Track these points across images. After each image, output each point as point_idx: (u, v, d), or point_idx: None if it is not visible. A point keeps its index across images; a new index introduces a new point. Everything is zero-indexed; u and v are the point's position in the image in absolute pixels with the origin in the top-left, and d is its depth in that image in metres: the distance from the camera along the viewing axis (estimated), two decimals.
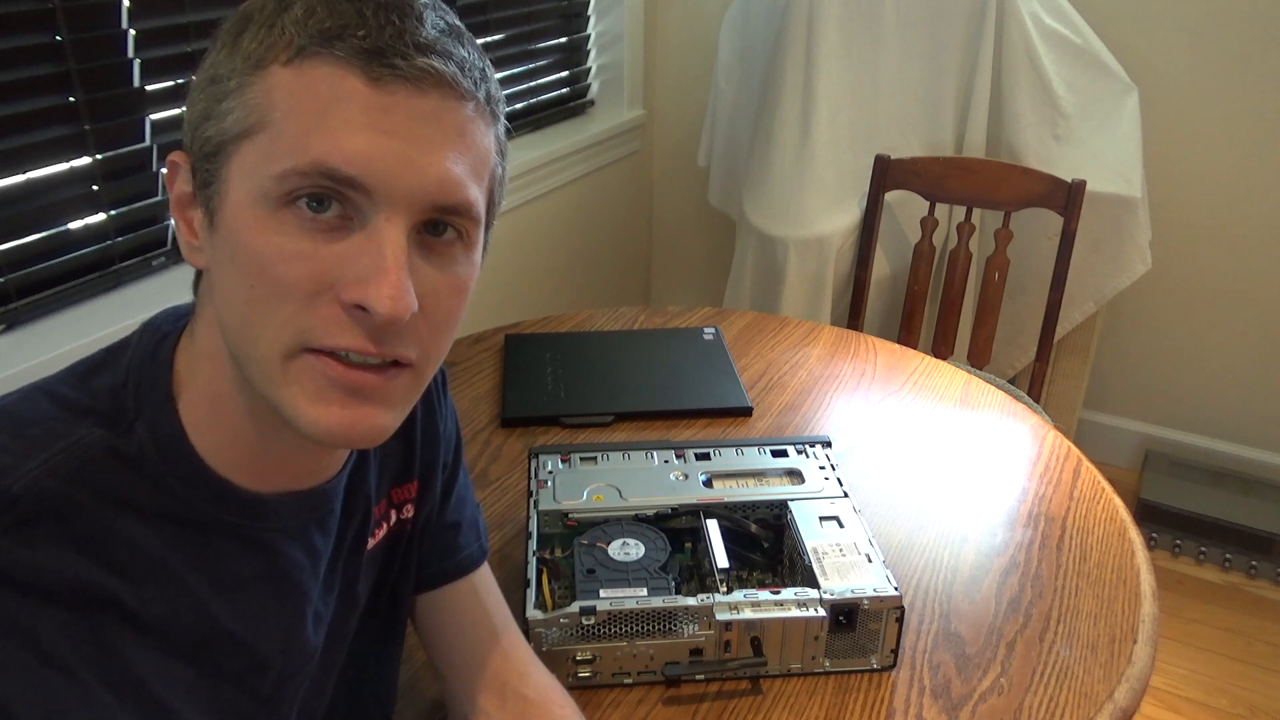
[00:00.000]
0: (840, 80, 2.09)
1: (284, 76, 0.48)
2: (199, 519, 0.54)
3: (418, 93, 0.49)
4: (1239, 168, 2.12)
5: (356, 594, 0.68)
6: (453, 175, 0.50)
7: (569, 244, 2.44)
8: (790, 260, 2.09)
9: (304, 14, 0.49)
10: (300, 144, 0.48)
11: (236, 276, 0.50)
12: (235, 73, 0.50)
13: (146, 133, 1.42)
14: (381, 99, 0.48)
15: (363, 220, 0.49)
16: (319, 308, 0.49)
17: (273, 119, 0.48)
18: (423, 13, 0.50)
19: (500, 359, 1.39)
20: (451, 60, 0.50)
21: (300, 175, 0.48)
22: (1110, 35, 2.06)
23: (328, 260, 0.49)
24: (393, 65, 0.48)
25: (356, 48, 0.48)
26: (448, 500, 0.77)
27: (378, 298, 0.48)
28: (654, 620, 0.81)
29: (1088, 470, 1.15)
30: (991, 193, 1.87)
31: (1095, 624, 0.91)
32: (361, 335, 0.50)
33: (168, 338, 0.57)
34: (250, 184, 0.49)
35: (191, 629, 0.53)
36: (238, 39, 0.50)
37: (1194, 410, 2.36)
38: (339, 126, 0.48)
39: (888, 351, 1.44)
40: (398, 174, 0.48)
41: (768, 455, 1.03)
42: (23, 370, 1.22)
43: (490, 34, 2.10)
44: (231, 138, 0.49)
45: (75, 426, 0.52)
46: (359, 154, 0.48)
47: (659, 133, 2.67)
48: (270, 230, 0.49)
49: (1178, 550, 2.17)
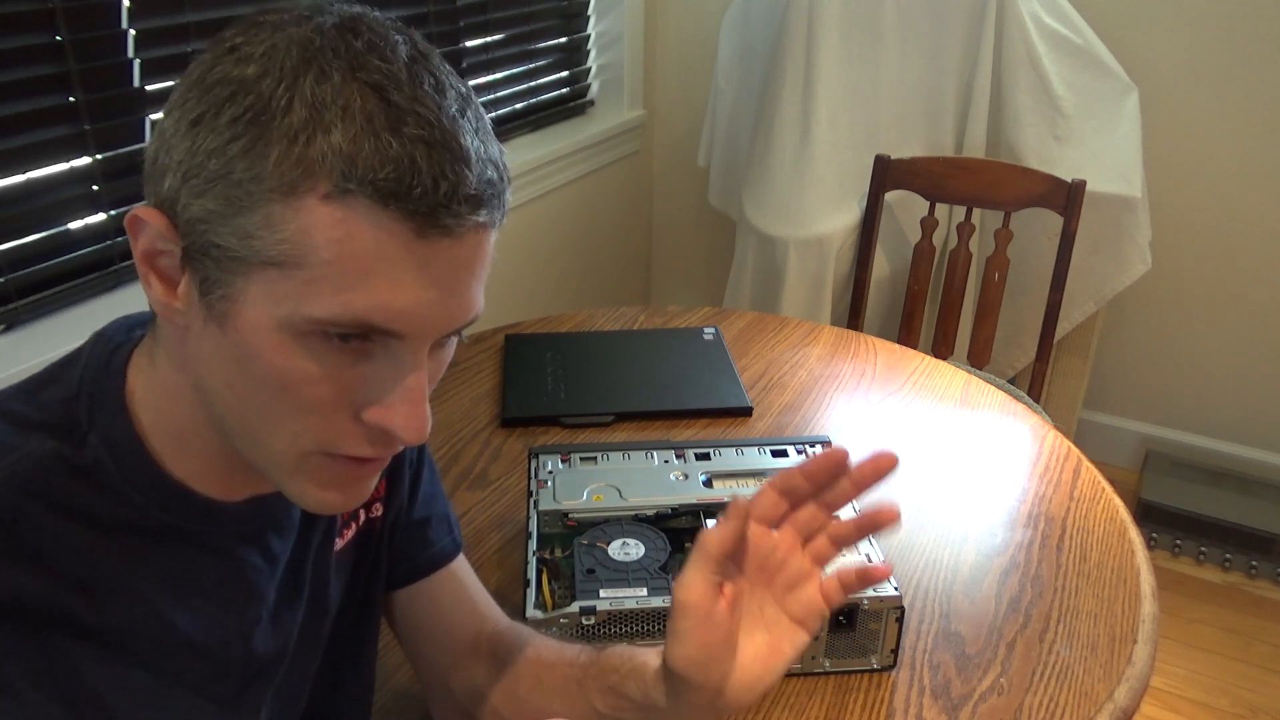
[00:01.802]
0: (840, 80, 2.09)
1: (324, 216, 0.45)
2: (156, 527, 0.54)
3: (459, 243, 0.48)
4: (1239, 168, 2.12)
5: (328, 596, 0.68)
6: (475, 303, 0.51)
7: (569, 244, 2.44)
8: (790, 260, 2.09)
9: (349, 146, 0.45)
10: (341, 298, 0.46)
11: (248, 382, 0.50)
12: (260, 188, 0.45)
13: (146, 133, 1.42)
14: (427, 254, 0.47)
15: (387, 348, 0.50)
16: (338, 421, 0.50)
17: (309, 261, 0.46)
18: (468, 148, 0.47)
19: (500, 359, 1.39)
20: (493, 203, 0.49)
21: (338, 324, 0.47)
22: (1110, 35, 2.06)
23: (352, 381, 0.50)
24: (444, 227, 0.47)
25: (410, 210, 0.46)
26: (415, 496, 0.77)
27: (406, 428, 0.50)
28: (654, 620, 0.81)
29: (1088, 470, 1.15)
30: (991, 193, 1.87)
31: (1095, 624, 0.91)
32: (379, 446, 0.52)
33: (120, 349, 0.56)
34: (276, 311, 0.47)
35: (149, 638, 0.53)
36: (260, 141, 0.45)
37: (1194, 410, 2.36)
38: (385, 287, 0.47)
39: (888, 351, 1.44)
40: (434, 321, 0.49)
41: (768, 455, 1.03)
42: (23, 370, 1.23)
43: (490, 34, 2.10)
44: (256, 262, 0.47)
45: (25, 440, 0.51)
46: (402, 311, 0.48)
47: (659, 133, 2.67)
48: (294, 354, 0.48)
49: (1178, 550, 2.17)
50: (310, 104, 0.45)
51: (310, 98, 0.45)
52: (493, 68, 2.13)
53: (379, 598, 0.76)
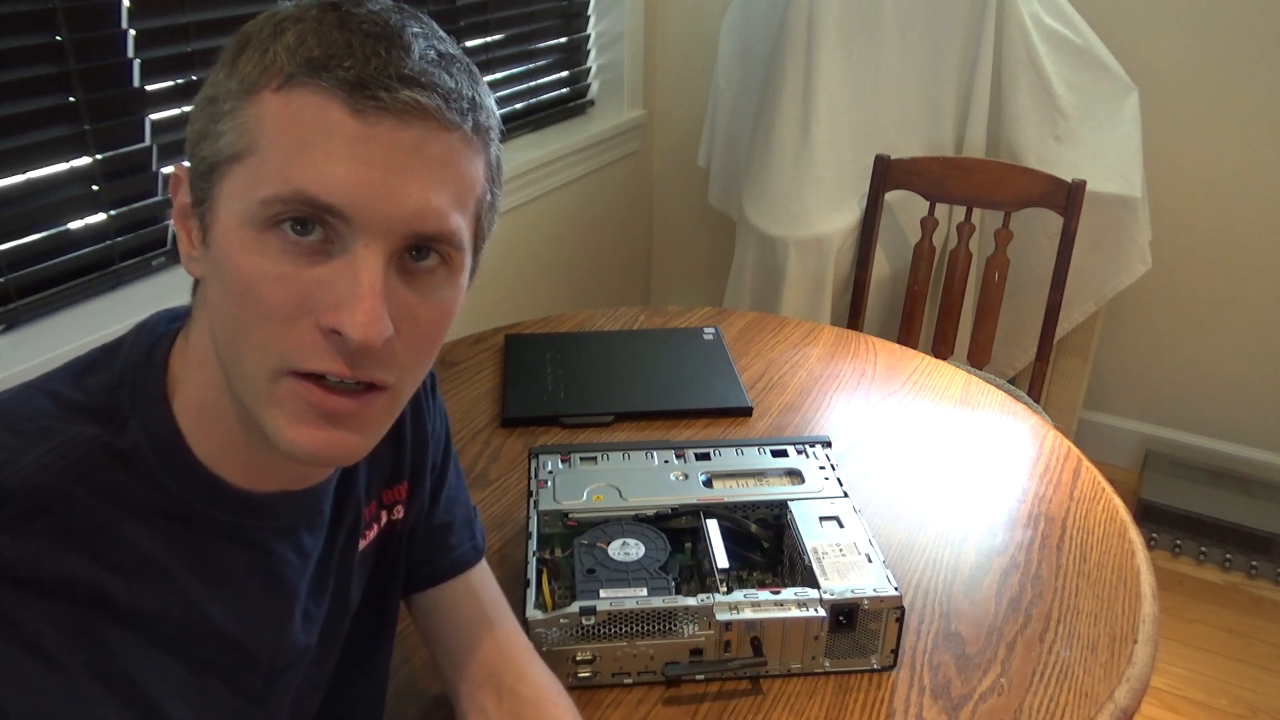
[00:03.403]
0: (840, 80, 2.09)
1: (273, 103, 0.49)
2: (191, 516, 0.55)
3: (400, 124, 0.50)
4: (1239, 168, 2.12)
5: (349, 595, 0.69)
6: (432, 204, 0.51)
7: (569, 244, 2.44)
8: (790, 260, 2.09)
9: (296, 41, 0.50)
10: (284, 172, 0.49)
11: (225, 294, 0.51)
12: (230, 95, 0.51)
13: (146, 133, 1.43)
14: (364, 130, 0.49)
15: (343, 246, 0.50)
16: (299, 331, 0.50)
17: (260, 145, 0.49)
18: (411, 43, 0.51)
19: (500, 359, 1.39)
20: (436, 92, 0.50)
21: (282, 202, 0.49)
22: (1110, 35, 2.06)
23: (307, 283, 0.50)
24: (376, 97, 0.49)
25: (341, 79, 0.49)
26: (437, 500, 0.78)
27: (351, 324, 0.49)
28: (654, 620, 0.81)
29: (1088, 470, 1.15)
30: (991, 193, 1.87)
31: (1095, 624, 0.91)
32: (338, 359, 0.51)
33: (162, 339, 0.58)
34: (238, 206, 0.50)
35: (182, 625, 0.54)
36: (236, 60, 0.51)
37: (1194, 410, 2.36)
38: (321, 157, 0.49)
39: (888, 351, 1.44)
40: (376, 203, 0.49)
41: (768, 455, 1.03)
42: (23, 370, 1.22)
43: (490, 34, 2.10)
44: (224, 159, 0.51)
45: (70, 424, 0.52)
46: (339, 183, 0.49)
47: (659, 133, 2.67)
48: (255, 252, 0.50)
49: (1178, 550, 2.17)
50: (275, 22, 0.51)
51: (277, 18, 0.52)
52: (493, 68, 2.13)
53: (396, 600, 0.76)
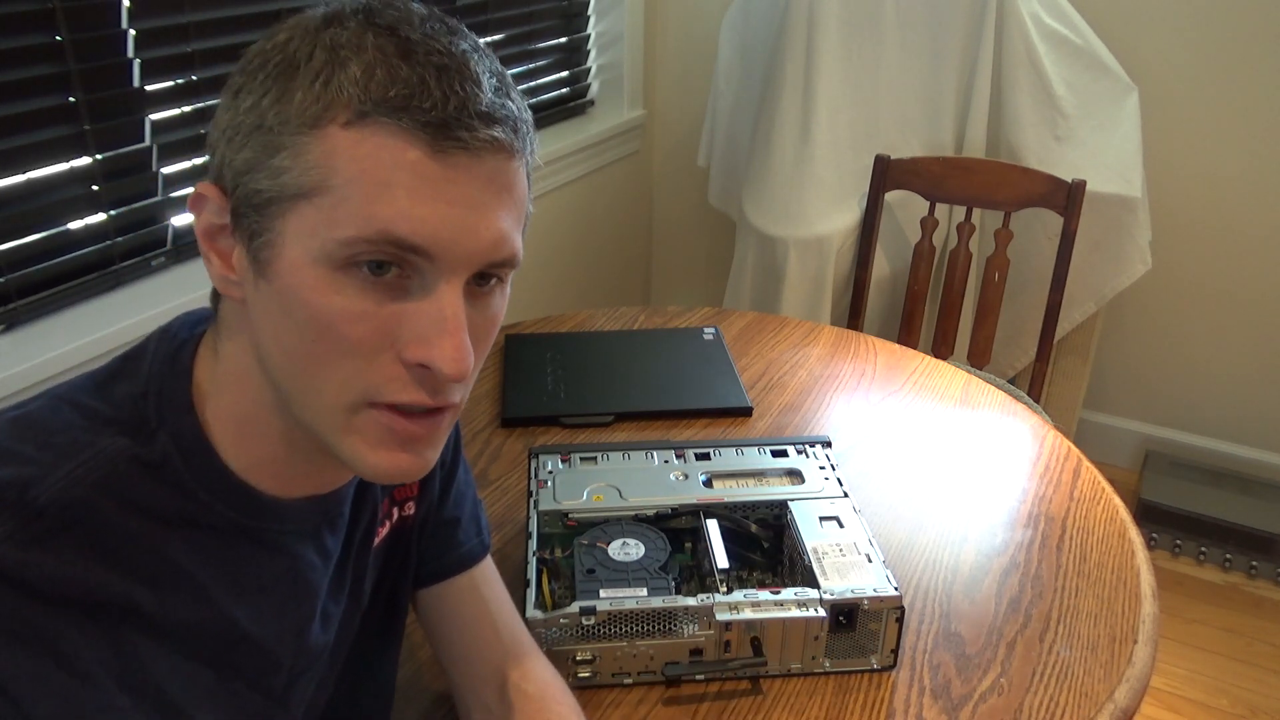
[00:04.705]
0: (840, 80, 2.09)
1: (344, 140, 0.48)
2: (221, 524, 0.55)
3: (476, 160, 0.50)
4: (1239, 168, 2.12)
5: (363, 592, 0.70)
6: (505, 233, 0.52)
7: (569, 244, 2.44)
8: (790, 260, 2.09)
9: (363, 75, 0.48)
10: (365, 212, 0.48)
11: (293, 330, 0.51)
12: (288, 127, 0.49)
13: (146, 133, 1.42)
14: (445, 170, 0.49)
15: (422, 282, 0.51)
16: (381, 366, 0.51)
17: (334, 184, 0.49)
18: (480, 75, 0.51)
19: (500, 359, 1.39)
20: (508, 125, 0.51)
21: (366, 242, 0.49)
22: (1110, 35, 2.06)
23: (388, 320, 0.51)
24: (458, 138, 0.49)
25: (422, 121, 0.48)
26: (446, 496, 0.78)
27: (443, 359, 0.50)
28: (654, 620, 0.81)
29: (1088, 470, 1.15)
30: (991, 193, 1.87)
31: (1095, 624, 0.91)
32: (422, 390, 0.52)
33: (185, 346, 0.57)
34: (310, 244, 0.49)
35: (212, 633, 0.54)
36: (287, 89, 0.49)
37: (1194, 410, 2.36)
38: (403, 196, 0.48)
39: (888, 351, 1.44)
40: (459, 240, 0.50)
41: (768, 455, 1.03)
42: (23, 370, 1.22)
43: (490, 34, 2.10)
44: (289, 195, 0.50)
45: (99, 436, 0.52)
46: (425, 224, 0.49)
47: (659, 133, 2.67)
48: (332, 291, 0.50)
49: (1178, 550, 2.17)
50: (329, 48, 0.49)
51: (329, 43, 0.49)
52: None
53: (406, 596, 0.77)
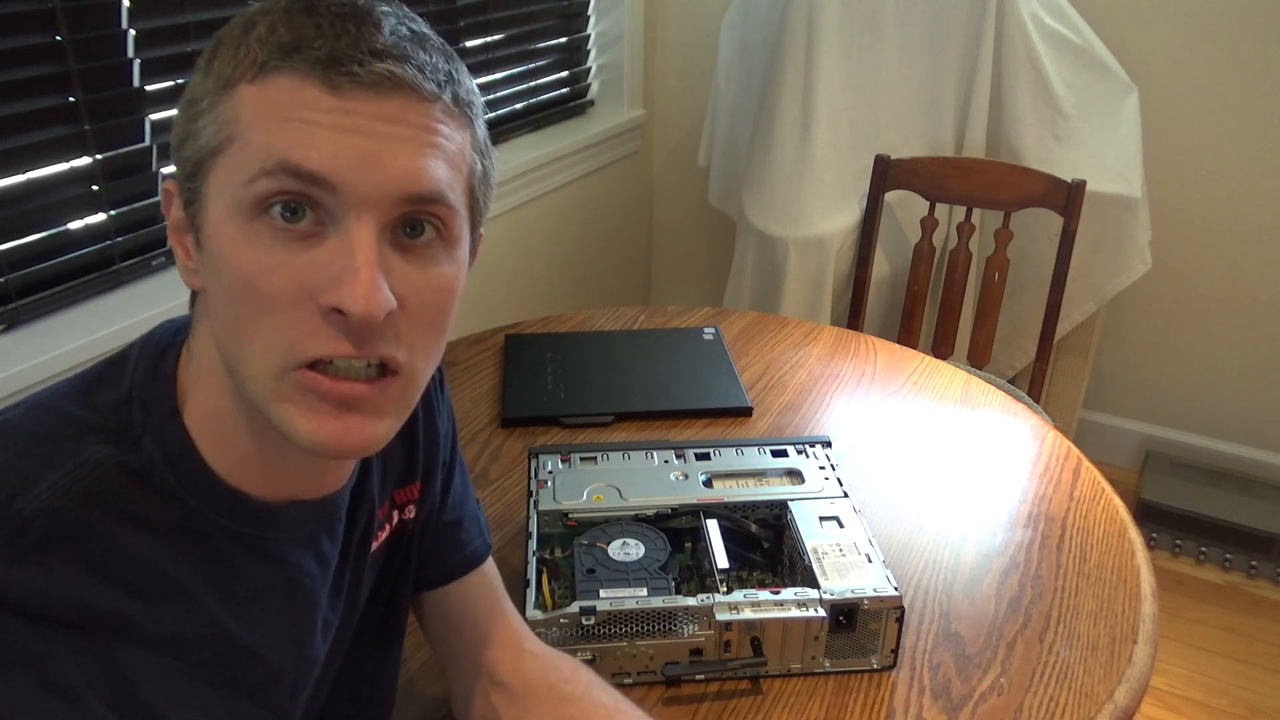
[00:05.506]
0: (840, 80, 2.09)
1: (250, 92, 0.50)
2: (211, 531, 0.54)
3: (379, 97, 0.49)
4: (1239, 168, 2.12)
5: (359, 597, 0.68)
6: (420, 166, 0.50)
7: (569, 244, 2.44)
8: (790, 260, 2.09)
9: (266, 32, 0.50)
10: (265, 147, 0.49)
11: (223, 293, 0.51)
12: (208, 94, 0.51)
13: (146, 133, 1.42)
14: (343, 104, 0.49)
15: (335, 224, 0.50)
16: (302, 319, 0.49)
17: (240, 131, 0.50)
18: (381, 20, 0.51)
19: (500, 359, 1.39)
20: (410, 64, 0.50)
21: (268, 176, 0.48)
22: (1110, 35, 2.06)
23: (304, 268, 0.49)
24: (350, 72, 0.49)
25: (314, 59, 0.49)
26: (447, 497, 0.78)
27: (351, 297, 0.48)
28: (654, 620, 0.81)
29: (1088, 470, 1.15)
30: (991, 193, 1.87)
31: (1095, 624, 0.91)
32: (344, 340, 0.50)
33: (168, 351, 0.57)
34: (225, 196, 0.50)
35: (207, 645, 0.53)
36: (211, 62, 0.52)
37: (1194, 410, 2.36)
38: (301, 128, 0.49)
39: (888, 351, 1.44)
40: (363, 169, 0.49)
41: (768, 455, 1.03)
42: (22, 370, 1.22)
43: (490, 34, 2.10)
44: (206, 154, 0.51)
45: (82, 444, 0.51)
46: (323, 150, 0.48)
47: (659, 133, 2.67)
48: (248, 243, 0.49)
49: (1178, 550, 2.17)
50: (245, 19, 0.52)
51: (246, 15, 0.52)
52: (493, 68, 2.13)
53: (405, 600, 0.76)
